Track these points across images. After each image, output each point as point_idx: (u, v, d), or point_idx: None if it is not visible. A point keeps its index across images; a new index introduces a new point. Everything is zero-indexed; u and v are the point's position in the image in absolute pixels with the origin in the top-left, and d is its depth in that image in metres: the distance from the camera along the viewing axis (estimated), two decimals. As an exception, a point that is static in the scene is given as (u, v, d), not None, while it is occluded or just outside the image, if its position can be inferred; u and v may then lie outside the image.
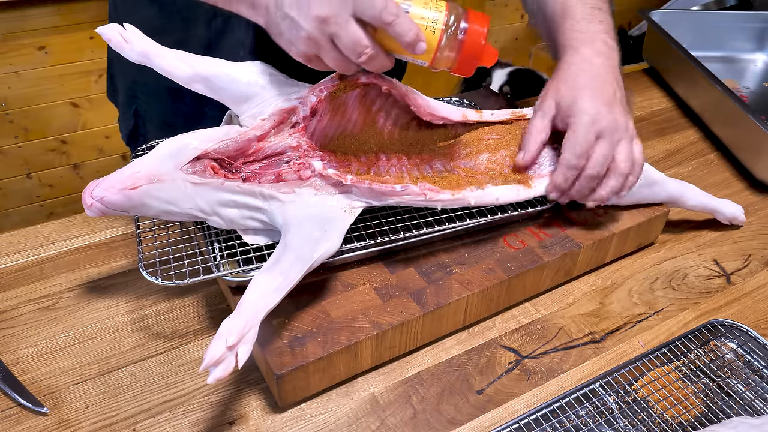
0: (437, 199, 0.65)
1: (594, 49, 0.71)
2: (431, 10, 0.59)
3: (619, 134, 0.68)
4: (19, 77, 1.72)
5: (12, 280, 0.73)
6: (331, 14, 0.54)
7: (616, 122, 0.68)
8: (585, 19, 0.72)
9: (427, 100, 0.70)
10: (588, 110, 0.67)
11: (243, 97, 0.63)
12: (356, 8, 0.54)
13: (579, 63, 0.70)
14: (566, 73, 0.70)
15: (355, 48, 0.56)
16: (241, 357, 0.51)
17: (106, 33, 0.60)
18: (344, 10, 0.54)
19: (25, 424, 0.58)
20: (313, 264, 0.58)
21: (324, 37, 0.56)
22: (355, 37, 0.55)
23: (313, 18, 0.55)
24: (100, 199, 0.56)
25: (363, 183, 0.63)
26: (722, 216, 0.83)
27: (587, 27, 0.72)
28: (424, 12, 0.59)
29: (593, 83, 0.69)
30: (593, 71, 0.69)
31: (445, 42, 0.59)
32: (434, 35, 0.59)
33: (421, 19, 0.59)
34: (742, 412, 0.61)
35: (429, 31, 0.59)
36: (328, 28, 0.55)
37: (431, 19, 0.59)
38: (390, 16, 0.55)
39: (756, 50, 1.31)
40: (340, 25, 0.55)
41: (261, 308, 0.54)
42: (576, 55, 0.71)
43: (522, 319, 0.71)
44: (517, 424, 0.58)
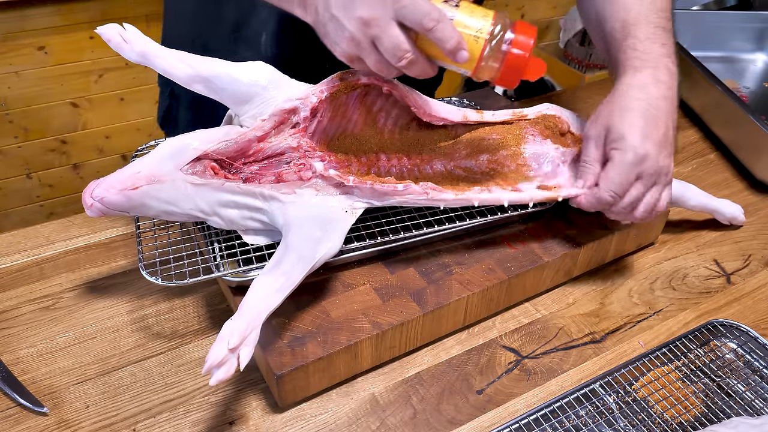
0: (439, 198, 0.65)
1: (655, 75, 0.66)
2: (477, 19, 0.58)
3: (656, 179, 0.65)
4: (19, 77, 1.72)
5: (12, 280, 0.73)
6: (374, 17, 0.54)
7: (659, 167, 0.65)
8: (648, 39, 0.68)
9: (428, 101, 0.70)
10: (637, 149, 0.63)
11: (244, 97, 0.63)
12: (398, 12, 0.54)
13: (637, 90, 0.66)
14: (622, 98, 0.66)
15: (395, 52, 0.56)
16: (243, 359, 0.51)
17: (105, 33, 0.60)
18: (386, 13, 0.54)
19: (25, 424, 0.58)
20: (315, 265, 0.58)
21: (366, 39, 0.56)
22: (395, 41, 0.55)
23: (356, 19, 0.55)
24: (100, 200, 0.56)
25: (365, 183, 0.63)
26: (722, 216, 0.83)
27: (650, 48, 0.68)
28: (469, 20, 0.58)
29: (647, 116, 0.64)
30: (650, 101, 0.65)
31: (488, 52, 0.58)
32: (477, 44, 0.58)
33: (465, 28, 0.57)
34: (742, 412, 0.61)
35: (472, 40, 0.57)
36: (370, 30, 0.55)
37: (476, 27, 0.58)
38: (431, 22, 0.54)
39: (756, 50, 1.31)
40: (381, 27, 0.55)
41: (263, 310, 0.54)
42: (635, 78, 0.66)
43: (522, 319, 0.71)
44: (517, 424, 0.58)
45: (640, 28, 0.69)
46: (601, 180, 0.65)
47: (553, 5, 2.51)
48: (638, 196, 0.65)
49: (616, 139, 0.64)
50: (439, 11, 0.55)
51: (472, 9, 0.59)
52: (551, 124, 0.76)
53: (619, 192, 0.64)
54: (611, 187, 0.64)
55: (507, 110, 0.77)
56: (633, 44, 0.68)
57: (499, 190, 0.68)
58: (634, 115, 0.64)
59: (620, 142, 0.64)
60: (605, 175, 0.65)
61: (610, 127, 0.65)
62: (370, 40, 0.56)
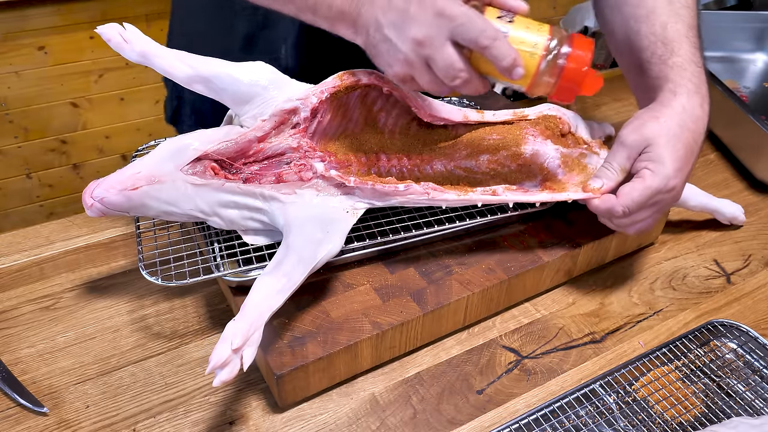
0: (441, 198, 0.64)
1: (703, 106, 0.65)
2: (533, 33, 0.57)
3: (665, 206, 0.65)
4: (19, 77, 1.72)
5: (12, 280, 0.73)
6: (428, 37, 0.54)
7: (676, 197, 0.64)
8: (693, 62, 0.66)
9: (429, 101, 0.70)
10: (669, 180, 0.62)
11: (244, 97, 0.63)
12: (453, 31, 0.54)
13: (689, 118, 0.64)
14: (673, 120, 0.63)
15: (449, 71, 0.56)
16: (246, 359, 0.51)
17: (105, 33, 0.60)
18: (441, 33, 0.54)
19: (25, 424, 0.58)
20: (316, 265, 0.58)
21: (420, 59, 0.56)
22: (449, 61, 0.55)
23: (410, 40, 0.55)
24: (100, 200, 0.56)
25: (366, 184, 0.63)
26: (722, 216, 0.83)
27: (698, 73, 0.66)
28: (525, 35, 0.57)
29: (688, 149, 0.63)
30: (695, 135, 0.64)
31: (544, 67, 0.57)
32: (533, 60, 0.57)
33: (520, 43, 0.57)
34: (742, 412, 0.61)
35: (528, 55, 0.57)
36: (424, 50, 0.55)
37: (531, 42, 0.57)
38: (486, 40, 0.54)
39: (756, 50, 1.31)
40: (435, 47, 0.55)
41: (265, 310, 0.54)
42: (689, 102, 0.64)
43: (522, 319, 0.71)
44: (517, 424, 0.58)
45: (682, 47, 0.67)
46: (622, 193, 0.63)
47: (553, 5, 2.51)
48: (642, 219, 0.64)
49: (655, 160, 0.62)
50: (495, 28, 0.55)
51: (527, 24, 0.58)
52: (552, 124, 0.76)
53: (633, 211, 0.63)
54: (628, 203, 0.62)
55: (508, 110, 0.77)
56: (681, 64, 0.66)
57: (503, 191, 0.68)
58: (680, 146, 0.62)
59: (657, 166, 0.62)
60: (628, 191, 0.62)
61: (652, 144, 0.63)
62: (424, 61, 0.56)
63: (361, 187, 0.63)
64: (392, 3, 0.56)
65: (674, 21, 0.67)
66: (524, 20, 0.59)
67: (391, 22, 0.56)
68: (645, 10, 0.68)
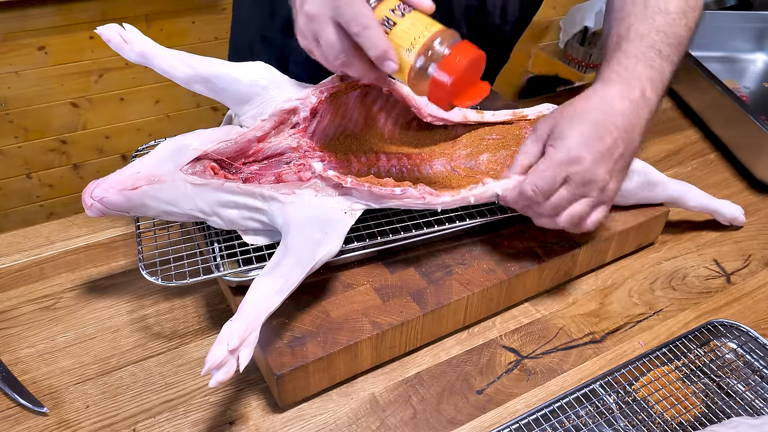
0: (437, 202, 0.64)
1: (624, 93, 0.62)
2: (416, 31, 0.55)
3: (588, 190, 0.61)
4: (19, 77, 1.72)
5: (12, 280, 0.73)
6: (316, 14, 0.55)
7: (593, 176, 0.60)
8: (636, 57, 0.64)
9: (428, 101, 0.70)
10: (570, 150, 0.60)
11: (244, 97, 0.63)
12: (334, 12, 0.54)
13: (598, 100, 0.62)
14: (579, 104, 0.63)
15: (329, 51, 0.56)
16: (242, 360, 0.51)
17: (105, 33, 0.60)
18: (326, 11, 0.54)
19: (25, 424, 0.58)
20: (314, 266, 0.58)
21: (311, 33, 0.56)
22: (329, 41, 0.55)
23: (304, 13, 0.56)
24: (100, 200, 0.56)
25: (362, 186, 0.62)
26: (722, 217, 0.83)
27: (633, 67, 0.64)
28: (410, 28, 0.55)
29: (596, 127, 0.61)
30: (607, 115, 0.61)
31: (419, 66, 0.55)
32: (408, 58, 0.55)
33: (404, 35, 0.55)
34: (742, 412, 0.61)
35: (404, 51, 0.55)
36: (313, 26, 0.56)
37: (411, 39, 0.54)
38: (357, 27, 0.53)
39: (756, 50, 1.31)
40: (321, 24, 0.55)
41: (262, 311, 0.54)
42: (603, 90, 0.63)
43: (522, 319, 0.71)
44: (517, 424, 0.58)
45: (632, 44, 0.65)
46: (528, 174, 0.62)
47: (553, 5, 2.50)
48: (561, 202, 0.61)
49: (556, 137, 0.61)
50: (370, 17, 0.54)
51: (416, 20, 0.55)
52: (551, 124, 0.76)
53: (541, 188, 0.60)
54: (535, 180, 0.60)
55: (507, 110, 0.78)
56: (618, 58, 0.65)
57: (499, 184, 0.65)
58: (583, 121, 0.61)
59: (558, 141, 0.61)
60: (533, 170, 0.61)
61: (555, 125, 0.62)
62: (313, 36, 0.56)
63: (358, 188, 0.63)
64: None
65: (640, 23, 0.66)
66: (418, 17, 0.56)
67: None
68: (622, 13, 0.68)
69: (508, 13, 0.92)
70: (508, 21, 0.93)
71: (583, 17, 2.44)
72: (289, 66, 0.90)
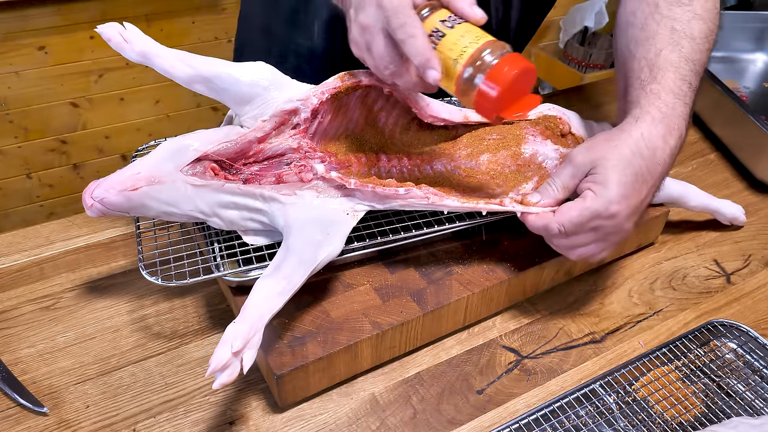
0: (442, 204, 0.63)
1: (666, 137, 0.61)
2: (465, 42, 0.55)
3: (611, 238, 0.61)
4: (19, 77, 1.72)
5: (12, 280, 0.73)
6: (369, 24, 0.57)
7: (621, 229, 0.60)
8: (674, 92, 0.63)
9: (429, 102, 0.70)
10: (611, 204, 0.58)
11: (245, 98, 0.62)
12: (384, 22, 0.56)
13: (645, 146, 0.60)
14: (626, 146, 0.60)
15: (379, 61, 0.58)
16: (246, 362, 0.51)
17: (105, 32, 0.60)
18: (378, 23, 0.56)
19: (25, 424, 0.58)
20: (316, 267, 0.58)
21: (363, 42, 0.58)
22: (380, 51, 0.57)
23: (358, 24, 0.58)
24: (100, 200, 0.56)
25: (366, 186, 0.62)
26: (723, 216, 0.83)
27: (674, 104, 0.62)
28: (459, 39, 0.55)
29: (639, 178, 0.59)
30: (650, 164, 0.60)
31: (466, 76, 0.55)
32: (455, 69, 0.55)
33: (452, 45, 0.55)
34: (742, 412, 0.61)
35: (451, 62, 0.55)
36: (366, 36, 0.58)
37: (459, 50, 0.55)
38: (403, 35, 0.55)
39: (756, 50, 1.31)
40: (372, 36, 0.57)
41: (265, 313, 0.54)
42: (649, 130, 0.61)
43: (522, 319, 0.71)
44: (517, 424, 0.58)
45: (668, 76, 0.63)
46: (560, 211, 0.60)
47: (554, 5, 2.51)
48: (582, 243, 0.61)
49: (599, 182, 0.59)
50: (416, 26, 0.54)
51: (465, 31, 0.56)
52: (552, 124, 0.76)
53: (569, 230, 0.60)
54: (564, 222, 0.59)
55: None
56: (657, 91, 0.63)
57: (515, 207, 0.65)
58: (629, 171, 0.59)
59: (600, 188, 0.59)
60: (567, 209, 0.60)
61: (598, 165, 0.60)
62: (366, 45, 0.58)
63: (362, 189, 0.63)
64: None
65: (670, 50, 0.65)
66: (468, 28, 0.56)
67: (355, 4, 0.58)
68: (646, 33, 0.67)
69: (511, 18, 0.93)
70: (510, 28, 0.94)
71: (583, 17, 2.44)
72: (291, 58, 0.92)
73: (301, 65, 0.91)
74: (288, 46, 0.91)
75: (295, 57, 0.91)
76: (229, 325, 0.52)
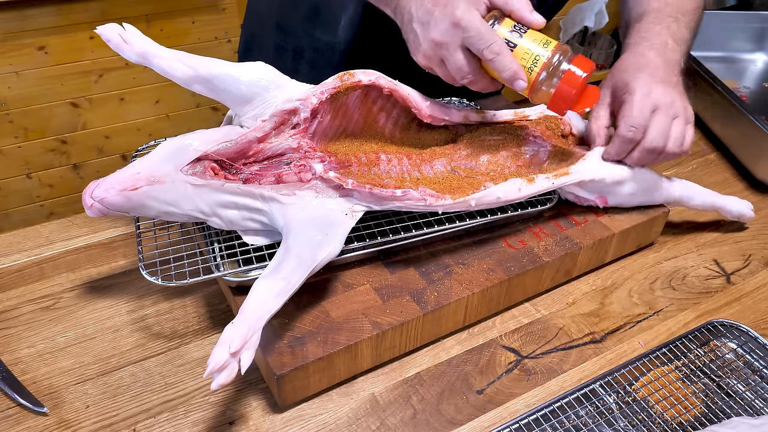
0: (438, 204, 0.64)
1: (649, 46, 0.73)
2: (538, 48, 0.63)
3: (675, 110, 0.69)
4: (19, 77, 1.72)
5: (12, 280, 0.73)
6: (444, 41, 0.62)
7: (672, 98, 0.69)
8: (652, 22, 0.76)
9: (429, 102, 0.70)
10: (641, 86, 0.69)
11: (244, 98, 0.63)
12: (465, 41, 0.61)
13: (633, 56, 0.73)
14: (620, 63, 0.73)
15: (458, 73, 0.64)
16: (244, 363, 0.51)
17: (105, 33, 0.60)
18: (455, 40, 0.62)
19: (25, 424, 0.58)
20: (315, 268, 0.58)
21: (437, 57, 0.64)
22: (459, 65, 0.63)
23: (430, 40, 0.63)
24: (100, 200, 0.56)
25: (363, 188, 0.63)
26: (729, 213, 0.81)
27: (651, 28, 0.75)
28: (531, 47, 0.63)
29: (647, 68, 0.71)
30: (646, 61, 0.71)
31: (541, 80, 0.63)
32: (532, 73, 0.63)
33: (525, 54, 0.63)
34: (742, 412, 0.61)
35: (528, 68, 0.63)
36: (440, 51, 0.63)
37: (535, 55, 0.62)
38: (491, 54, 0.61)
39: (756, 50, 1.31)
40: (449, 51, 0.62)
41: (263, 313, 0.54)
42: (632, 50, 0.74)
43: (522, 319, 0.71)
44: (517, 424, 0.58)
45: (650, 16, 0.76)
46: (620, 121, 0.69)
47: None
48: (663, 128, 0.68)
49: (621, 88, 0.71)
50: (501, 43, 0.61)
51: (536, 38, 0.63)
52: (552, 125, 0.76)
53: (638, 125, 0.68)
54: (629, 122, 0.68)
55: (509, 110, 0.77)
56: (638, 28, 0.76)
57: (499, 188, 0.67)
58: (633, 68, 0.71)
59: (625, 87, 0.70)
60: (621, 116, 0.69)
61: (613, 85, 0.72)
62: (440, 59, 0.64)
63: (359, 190, 0.63)
64: (423, 2, 0.63)
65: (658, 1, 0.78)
66: (536, 35, 0.63)
67: (419, 19, 0.63)
68: None
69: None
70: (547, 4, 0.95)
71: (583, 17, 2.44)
72: (308, 53, 0.93)
73: (318, 60, 0.93)
74: (305, 41, 0.92)
75: (312, 51, 0.92)
76: (227, 325, 0.52)
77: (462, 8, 0.61)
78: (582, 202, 0.76)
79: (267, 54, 0.98)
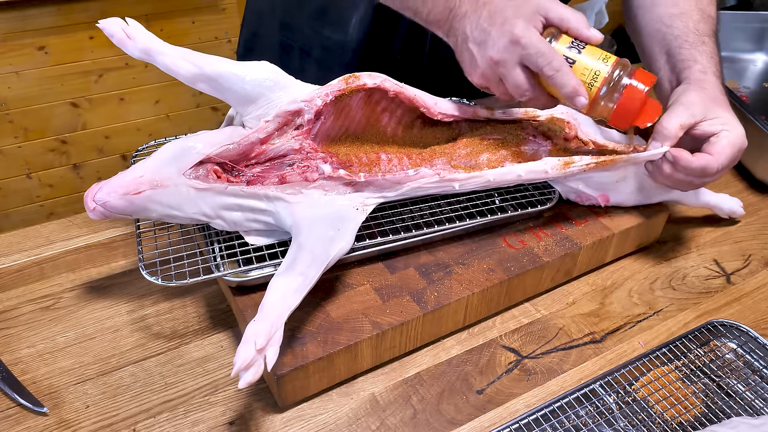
0: (451, 177, 0.65)
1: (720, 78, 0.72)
2: (598, 62, 0.62)
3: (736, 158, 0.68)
4: (19, 77, 1.72)
5: (12, 280, 0.73)
6: (502, 60, 0.62)
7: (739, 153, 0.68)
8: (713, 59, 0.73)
9: (437, 101, 0.71)
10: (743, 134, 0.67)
11: (248, 98, 0.62)
12: (524, 58, 0.61)
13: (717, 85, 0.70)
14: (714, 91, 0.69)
15: (517, 90, 0.63)
16: (270, 359, 0.51)
17: (108, 28, 0.58)
18: (513, 57, 0.62)
19: (25, 424, 0.58)
20: (329, 263, 0.58)
21: (494, 75, 0.64)
22: (518, 82, 0.63)
23: (488, 59, 0.63)
24: (102, 204, 0.56)
25: (376, 176, 0.63)
26: (721, 211, 0.85)
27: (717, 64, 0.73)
28: (590, 62, 0.62)
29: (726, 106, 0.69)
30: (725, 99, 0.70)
31: (602, 95, 0.63)
32: (592, 88, 0.62)
33: (585, 70, 0.62)
34: (742, 412, 0.61)
35: (588, 84, 0.62)
36: (498, 69, 0.63)
37: (595, 71, 0.62)
38: (551, 71, 0.61)
39: (756, 50, 1.31)
40: (507, 69, 0.62)
41: (284, 310, 0.54)
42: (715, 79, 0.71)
43: (522, 319, 0.71)
44: (517, 424, 0.58)
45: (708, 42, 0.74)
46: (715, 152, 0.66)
47: None
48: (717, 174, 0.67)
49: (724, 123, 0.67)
50: (560, 60, 0.61)
51: (595, 54, 0.63)
52: (557, 127, 0.76)
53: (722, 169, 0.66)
54: (722, 161, 0.66)
55: (519, 109, 0.77)
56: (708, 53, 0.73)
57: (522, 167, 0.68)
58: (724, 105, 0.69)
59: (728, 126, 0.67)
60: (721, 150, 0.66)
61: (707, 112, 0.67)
62: (498, 77, 0.64)
63: (372, 180, 0.63)
64: (479, 22, 0.63)
65: (704, 24, 0.75)
66: (594, 50, 0.63)
67: (475, 39, 0.63)
68: (678, 9, 0.76)
69: None
70: None
71: (583, 17, 2.44)
72: (316, 51, 0.93)
73: (327, 58, 0.93)
74: (313, 39, 0.92)
75: (320, 50, 0.92)
76: (248, 324, 0.52)
77: (521, 26, 0.61)
78: (583, 201, 0.76)
79: (271, 52, 0.98)
